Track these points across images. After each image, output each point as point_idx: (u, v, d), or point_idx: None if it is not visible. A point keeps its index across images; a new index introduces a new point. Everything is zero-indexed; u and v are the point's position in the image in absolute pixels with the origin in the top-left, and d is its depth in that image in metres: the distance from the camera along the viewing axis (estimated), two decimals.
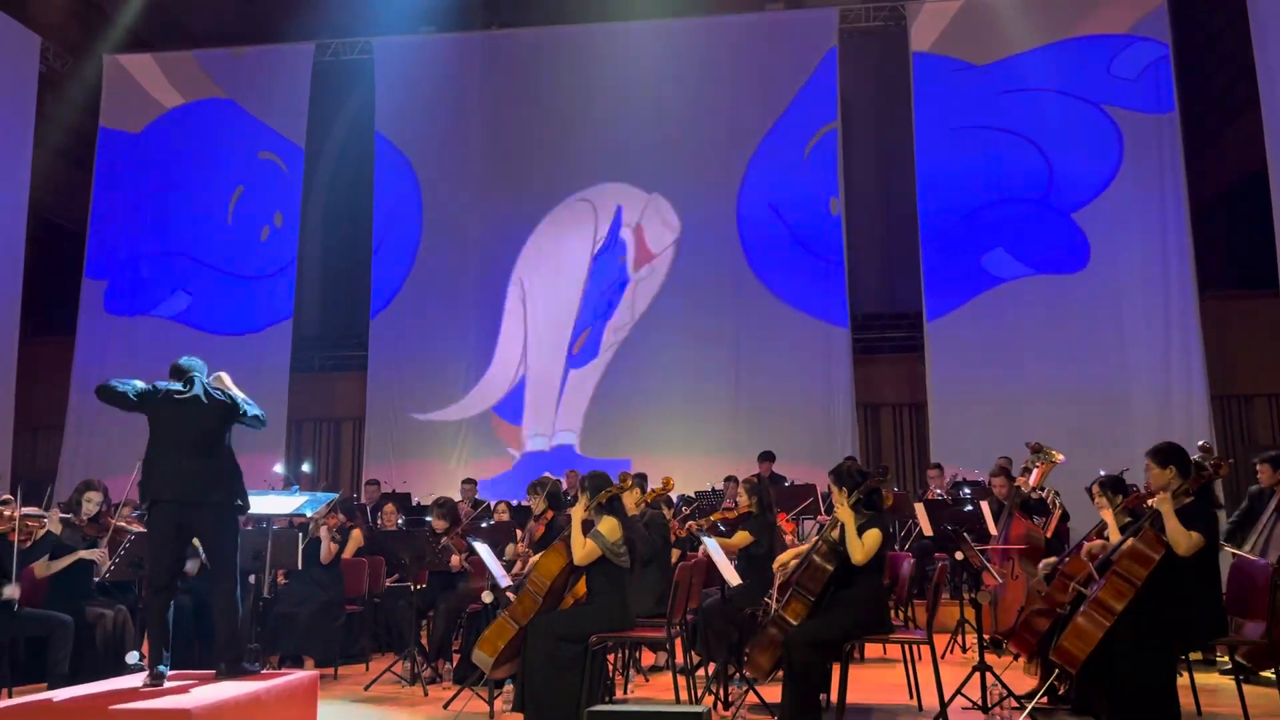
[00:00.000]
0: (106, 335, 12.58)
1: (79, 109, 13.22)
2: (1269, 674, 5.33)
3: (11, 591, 5.58)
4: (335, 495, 6.73)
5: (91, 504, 6.22)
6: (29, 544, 5.92)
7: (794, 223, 11.75)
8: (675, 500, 8.52)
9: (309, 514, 6.43)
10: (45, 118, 12.70)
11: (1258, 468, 6.47)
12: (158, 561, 4.86)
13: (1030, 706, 4.95)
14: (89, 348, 12.55)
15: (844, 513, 4.87)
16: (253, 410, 5.05)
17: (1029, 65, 11.43)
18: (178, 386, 4.96)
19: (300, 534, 6.75)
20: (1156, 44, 11.17)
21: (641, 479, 6.23)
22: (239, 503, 4.93)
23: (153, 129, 13.09)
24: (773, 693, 5.02)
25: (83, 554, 6.02)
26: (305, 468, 11.56)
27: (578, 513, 5.06)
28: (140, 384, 4.92)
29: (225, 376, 5.17)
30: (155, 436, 4.89)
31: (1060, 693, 5.12)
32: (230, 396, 4.99)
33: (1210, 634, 4.57)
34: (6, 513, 5.78)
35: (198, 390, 4.92)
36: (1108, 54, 11.31)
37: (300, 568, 6.72)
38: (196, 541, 5.18)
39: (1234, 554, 5.88)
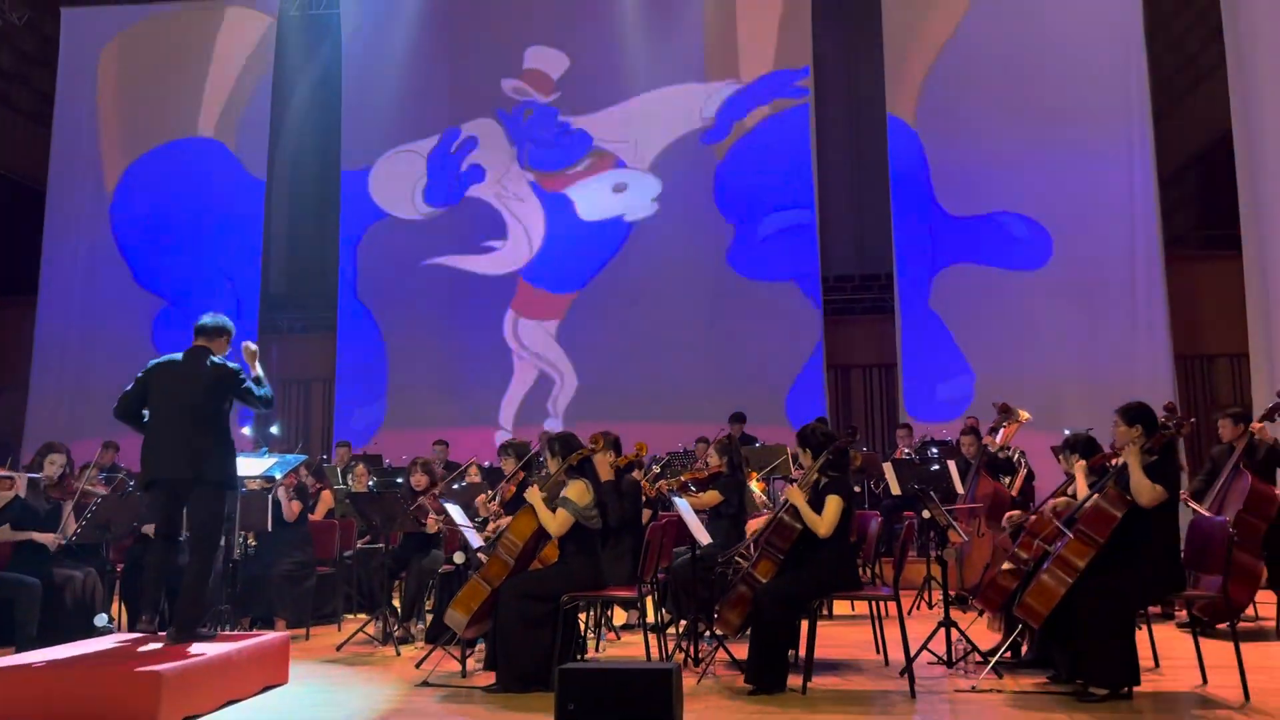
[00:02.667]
0: (68, 295, 12.39)
1: (37, 64, 12.89)
2: (1224, 627, 5.46)
3: None
4: (304, 458, 6.69)
5: (54, 466, 6.13)
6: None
7: (766, 183, 11.71)
8: (646, 461, 8.56)
9: (278, 476, 6.40)
10: (2, 74, 12.38)
11: (1219, 423, 6.57)
12: (159, 518, 5.00)
13: (993, 661, 5.04)
14: (51, 308, 12.37)
15: (794, 494, 4.93)
16: (259, 391, 5.00)
17: (997, 28, 11.43)
18: (176, 356, 4.94)
19: (270, 496, 6.72)
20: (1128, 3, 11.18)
21: (615, 441, 6.23)
22: (224, 481, 4.91)
23: (112, 83, 12.78)
24: (743, 650, 5.08)
25: (35, 536, 5.90)
26: (274, 430, 11.49)
27: (534, 495, 5.04)
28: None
29: (252, 346, 5.16)
30: (151, 410, 4.90)
31: (1023, 649, 5.22)
32: (231, 366, 4.94)
33: (1168, 589, 4.67)
34: None
35: (189, 357, 4.88)
36: (1078, 11, 11.31)
37: (270, 530, 6.70)
38: None
39: (1194, 510, 6.00)
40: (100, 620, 5.61)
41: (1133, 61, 11.08)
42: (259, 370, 5.14)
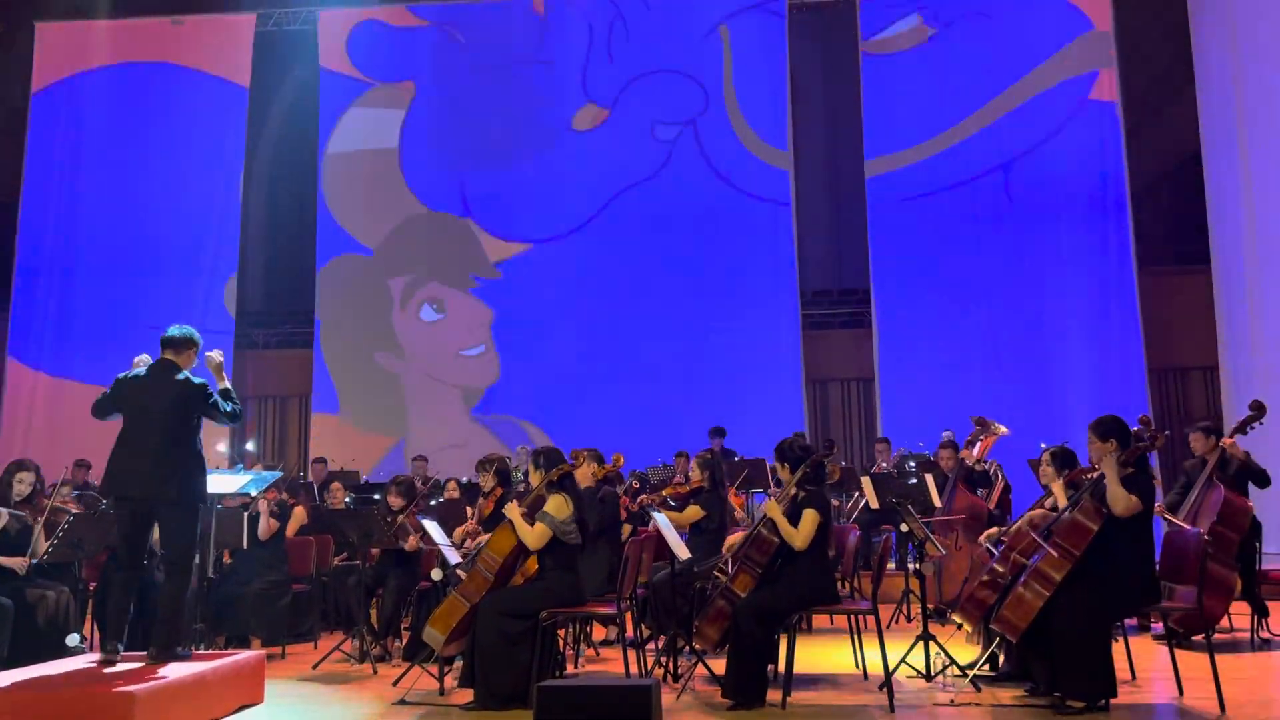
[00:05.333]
0: (44, 307, 12.27)
1: (10, 78, 12.81)
2: (1200, 639, 5.50)
3: None
4: (280, 474, 6.63)
5: (24, 485, 5.99)
6: None
7: (743, 197, 11.77)
8: (625, 475, 8.55)
9: (254, 493, 6.34)
10: None
11: (1191, 436, 6.65)
12: (122, 545, 4.86)
13: (972, 675, 5.06)
14: (24, 319, 12.25)
15: (771, 508, 4.93)
16: (226, 405, 4.93)
17: (971, 42, 11.56)
18: (141, 371, 4.89)
19: (245, 513, 6.66)
20: (1098, 22, 11.34)
21: (598, 456, 6.22)
22: (195, 500, 4.85)
23: (88, 97, 12.72)
24: (722, 665, 5.07)
25: (3, 561, 5.70)
26: (249, 446, 11.40)
27: (512, 511, 5.02)
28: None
29: (215, 357, 5.07)
30: (122, 426, 4.83)
31: (1000, 662, 5.24)
32: (197, 382, 4.87)
33: (1144, 601, 4.70)
34: None
35: (156, 372, 4.82)
36: (1050, 30, 11.46)
37: (245, 547, 6.64)
38: None
39: (1168, 521, 6.06)
40: (73, 640, 5.52)
41: (1104, 80, 11.24)
42: (225, 382, 5.07)
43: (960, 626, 5.85)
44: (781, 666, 4.89)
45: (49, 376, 12.06)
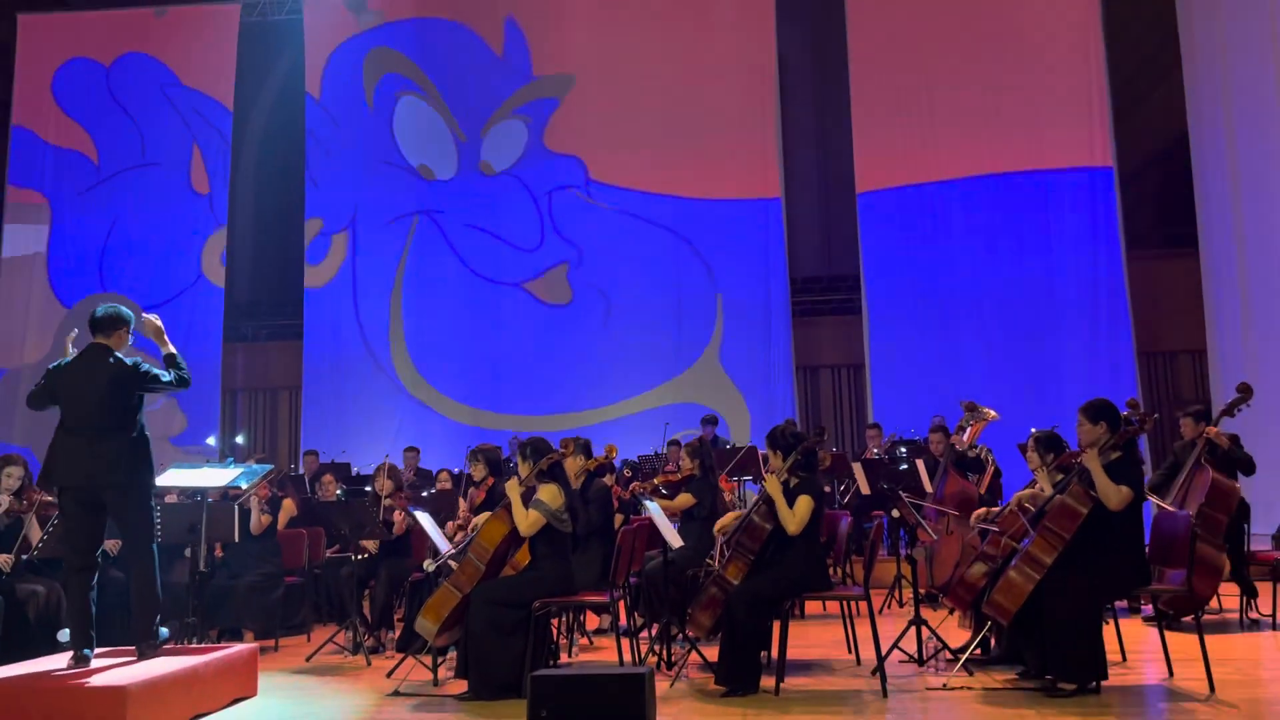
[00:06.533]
0: (23, 302, 12.22)
1: None
2: (1189, 620, 5.54)
3: None
4: (271, 467, 6.61)
5: (12, 479, 5.96)
6: None
7: (733, 185, 11.75)
8: (618, 464, 8.56)
9: (244, 486, 6.32)
10: None
11: (1180, 421, 6.68)
12: (72, 543, 4.69)
13: (964, 659, 5.08)
14: (12, 313, 12.20)
15: (771, 486, 4.93)
16: (168, 375, 4.76)
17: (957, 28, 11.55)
18: (72, 357, 4.77)
19: (236, 506, 6.64)
20: (1086, 4, 11.32)
21: (585, 445, 6.22)
22: (142, 482, 4.72)
23: (72, 89, 12.63)
24: (715, 652, 5.09)
25: None
26: (239, 439, 11.37)
27: (513, 488, 5.03)
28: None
29: (153, 320, 4.89)
30: (61, 415, 4.70)
31: (992, 645, 5.27)
32: (129, 363, 4.71)
33: (1134, 584, 4.73)
34: None
35: (87, 357, 4.69)
36: (1037, 13, 11.44)
37: (237, 540, 6.62)
38: None
39: (1157, 505, 6.09)
40: (64, 635, 5.49)
41: (1092, 62, 11.23)
42: (170, 347, 4.89)
43: (951, 611, 5.87)
44: (775, 652, 4.90)
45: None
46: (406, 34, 12.46)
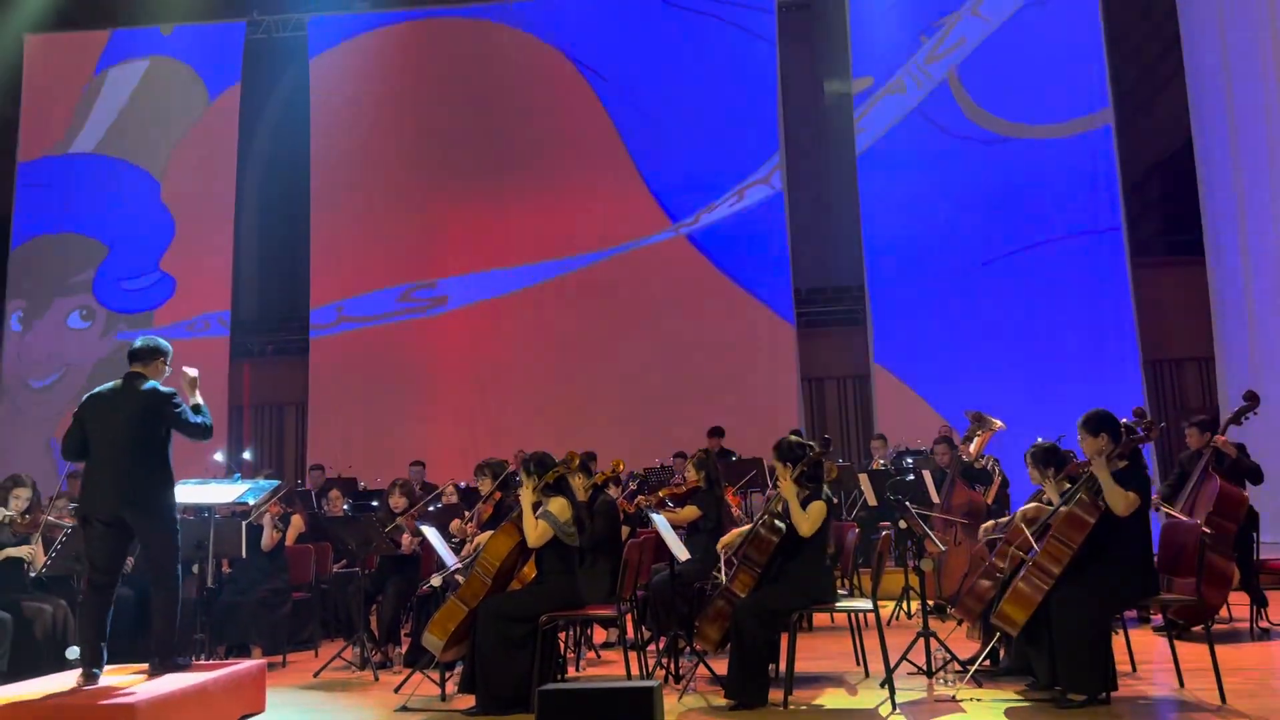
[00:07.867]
0: (35, 323, 12.26)
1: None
2: (1199, 630, 5.52)
3: None
4: (279, 482, 6.62)
5: (20, 500, 5.98)
6: None
7: (737, 198, 11.77)
8: (624, 477, 8.56)
9: (251, 502, 6.33)
10: None
11: (1186, 431, 6.66)
12: (95, 563, 4.73)
13: (973, 670, 5.06)
14: (17, 336, 12.25)
15: (786, 488, 4.92)
16: (195, 419, 4.82)
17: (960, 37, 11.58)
18: (108, 386, 4.83)
19: (243, 522, 6.65)
20: (1088, 13, 11.34)
21: (589, 459, 6.22)
22: (167, 512, 4.76)
23: (78, 105, 12.71)
24: (723, 665, 5.07)
25: (10, 551, 5.78)
26: (246, 455, 11.39)
27: (526, 496, 5.04)
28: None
29: (190, 373, 4.97)
30: (91, 445, 4.75)
31: (1001, 656, 5.25)
32: (164, 391, 4.78)
33: (1143, 593, 4.71)
34: None
35: (122, 385, 4.75)
36: (1039, 23, 11.47)
37: (244, 556, 6.63)
38: None
39: (1166, 514, 6.07)
40: (72, 653, 5.49)
41: (1094, 71, 11.24)
42: (198, 398, 4.97)
43: (960, 622, 5.85)
44: (783, 666, 4.89)
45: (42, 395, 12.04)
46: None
